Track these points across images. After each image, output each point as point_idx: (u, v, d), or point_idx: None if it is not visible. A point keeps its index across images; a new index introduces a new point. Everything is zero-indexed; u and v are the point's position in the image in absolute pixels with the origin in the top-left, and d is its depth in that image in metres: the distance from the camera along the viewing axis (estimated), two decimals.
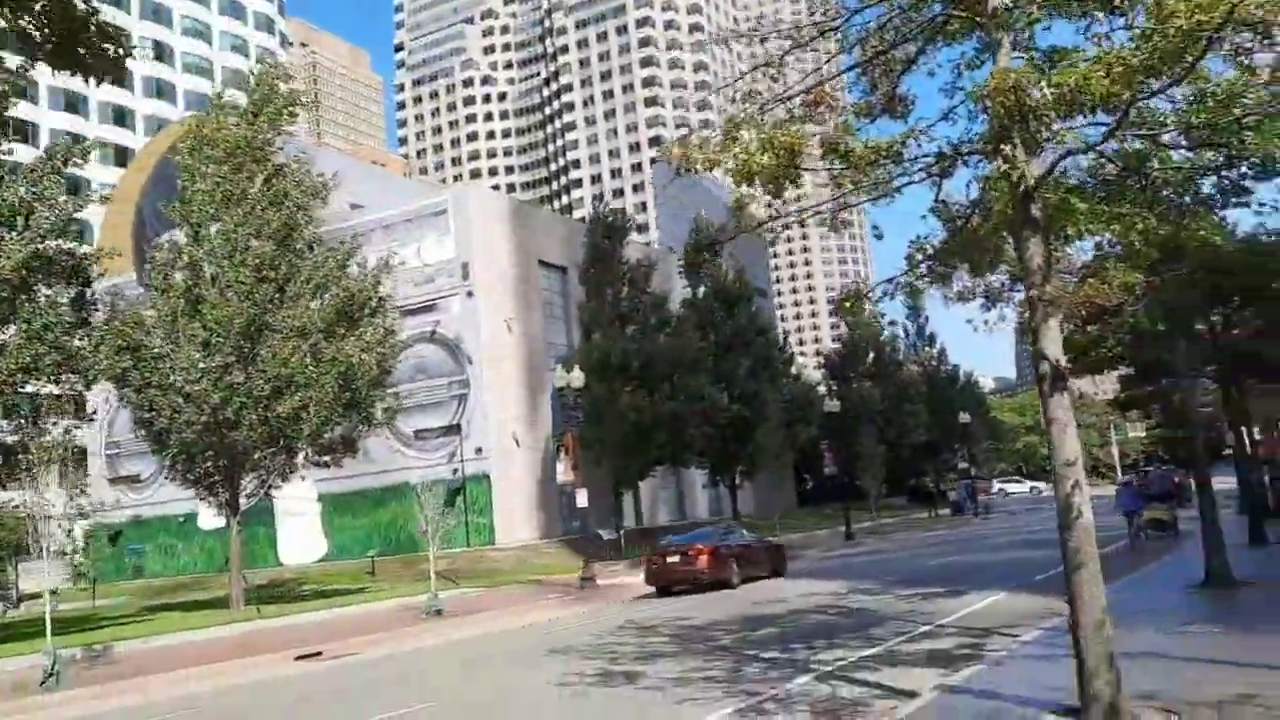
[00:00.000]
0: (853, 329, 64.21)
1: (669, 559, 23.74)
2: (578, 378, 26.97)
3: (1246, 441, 27.67)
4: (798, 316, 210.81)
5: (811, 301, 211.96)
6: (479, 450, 41.56)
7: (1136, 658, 9.10)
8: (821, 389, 59.88)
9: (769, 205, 9.99)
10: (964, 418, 55.65)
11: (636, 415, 38.11)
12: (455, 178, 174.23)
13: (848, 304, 9.91)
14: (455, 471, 42.28)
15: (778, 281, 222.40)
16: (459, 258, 42.73)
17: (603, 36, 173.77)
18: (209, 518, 44.39)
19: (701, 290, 48.43)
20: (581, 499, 26.42)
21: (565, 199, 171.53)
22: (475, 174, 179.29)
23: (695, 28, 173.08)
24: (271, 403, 23.87)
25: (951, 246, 9.61)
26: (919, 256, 9.43)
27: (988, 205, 9.18)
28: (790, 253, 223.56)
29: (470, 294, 42.44)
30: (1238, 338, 22.95)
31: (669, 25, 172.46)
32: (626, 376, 38.97)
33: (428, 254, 43.58)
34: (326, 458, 26.73)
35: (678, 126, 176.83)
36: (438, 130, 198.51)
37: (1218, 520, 14.79)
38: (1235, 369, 23.30)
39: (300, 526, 45.59)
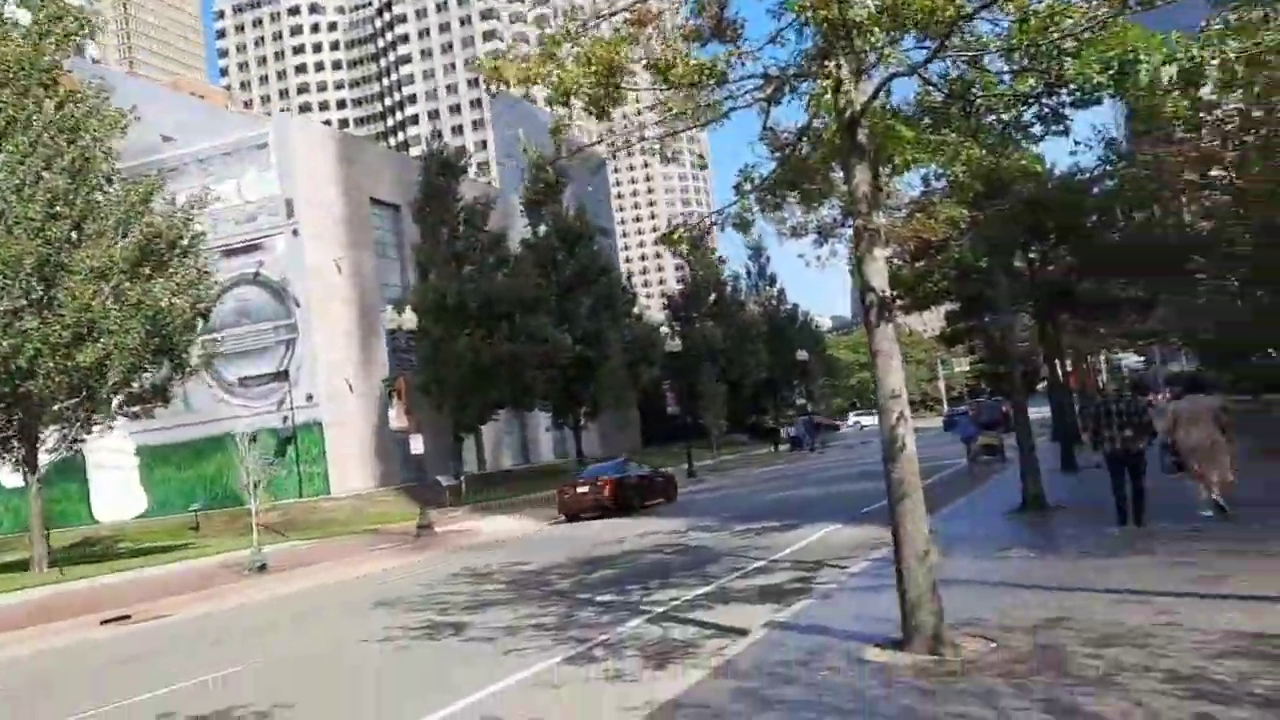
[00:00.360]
0: (694, 268, 64.67)
1: (579, 489, 26.76)
2: (409, 319, 25.92)
3: (1060, 374, 29.25)
4: (643, 257, 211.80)
5: (654, 229, 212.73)
6: (309, 397, 39.84)
7: (956, 585, 9.21)
8: (665, 329, 60.31)
9: (601, 134, 9.45)
10: (801, 355, 57.02)
11: (475, 357, 37.25)
12: (282, 110, 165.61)
13: (673, 237, 9.51)
14: (285, 420, 40.48)
15: (622, 222, 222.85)
16: (282, 194, 40.43)
17: None
18: (9, 475, 41.27)
19: (542, 229, 47.55)
20: (416, 445, 25.53)
21: (401, 135, 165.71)
22: (305, 108, 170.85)
23: None
24: (71, 350, 21.90)
25: (781, 176, 9.32)
26: (747, 186, 9.10)
27: (817, 133, 8.91)
28: (635, 191, 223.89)
29: (295, 233, 40.29)
30: (1053, 274, 24.01)
31: None
32: (464, 318, 37.99)
33: (249, 190, 41.07)
34: (137, 408, 24.83)
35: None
36: (262, 61, 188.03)
37: (1033, 449, 15.37)
38: (1051, 305, 24.41)
39: (116, 481, 42.86)
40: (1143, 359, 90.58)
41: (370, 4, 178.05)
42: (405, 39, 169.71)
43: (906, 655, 7.27)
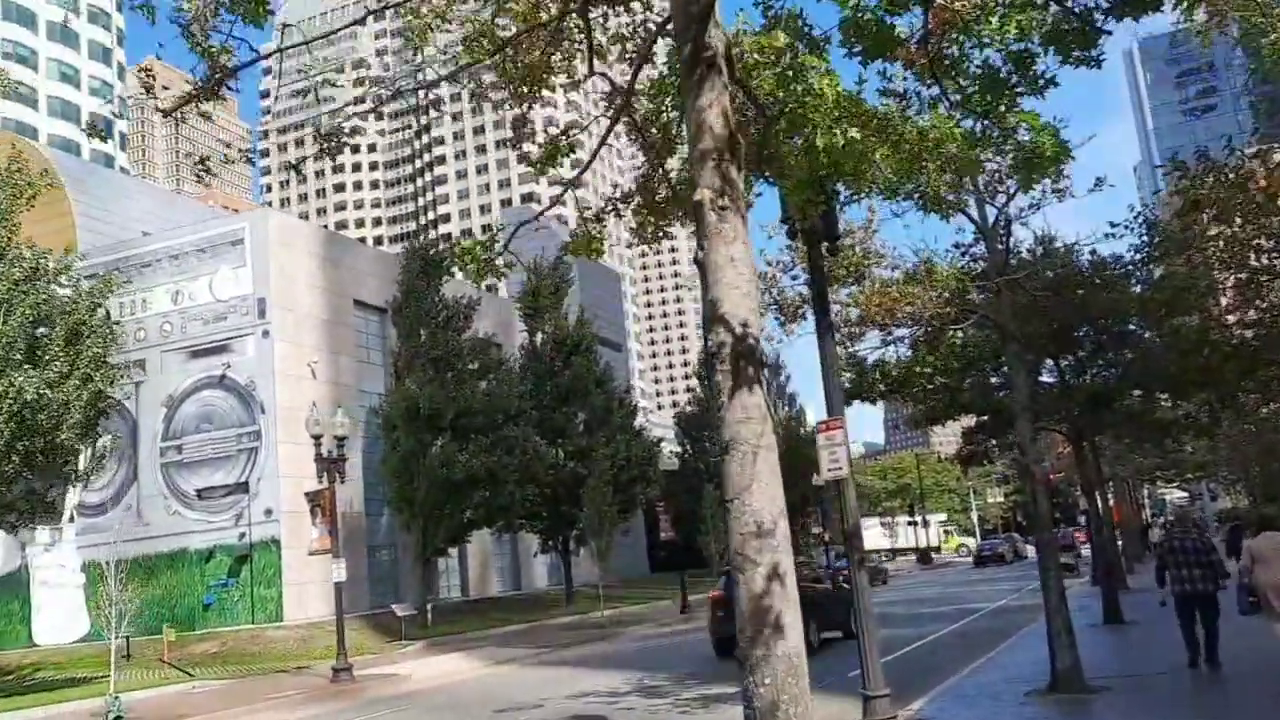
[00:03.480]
0: (705, 384, 61.26)
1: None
2: (340, 423, 22.59)
3: (1100, 505, 25.08)
4: (671, 379, 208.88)
5: (685, 361, 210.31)
6: (268, 512, 36.25)
7: None
8: (673, 447, 56.60)
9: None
10: (818, 480, 52.84)
11: (447, 471, 33.71)
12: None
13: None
14: (242, 536, 36.90)
15: (652, 343, 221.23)
16: (254, 293, 37.80)
17: (475, 96, 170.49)
18: None
19: (539, 337, 44.59)
20: (338, 572, 21.84)
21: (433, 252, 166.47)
22: (341, 225, 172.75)
23: (571, 86, 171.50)
24: None
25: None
26: None
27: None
28: (665, 314, 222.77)
29: (266, 334, 37.47)
30: (1089, 386, 20.30)
31: None
32: (437, 427, 34.63)
33: (221, 289, 38.49)
34: (13, 517, 21.40)
35: (551, 183, 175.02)
36: (303, 180, 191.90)
37: (1064, 604, 11.42)
38: (1087, 423, 20.59)
39: (59, 600, 39.18)
40: (1186, 494, 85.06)
41: (411, 125, 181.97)
42: (442, 160, 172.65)
43: None
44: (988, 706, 10.87)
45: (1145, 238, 15.49)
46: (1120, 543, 32.58)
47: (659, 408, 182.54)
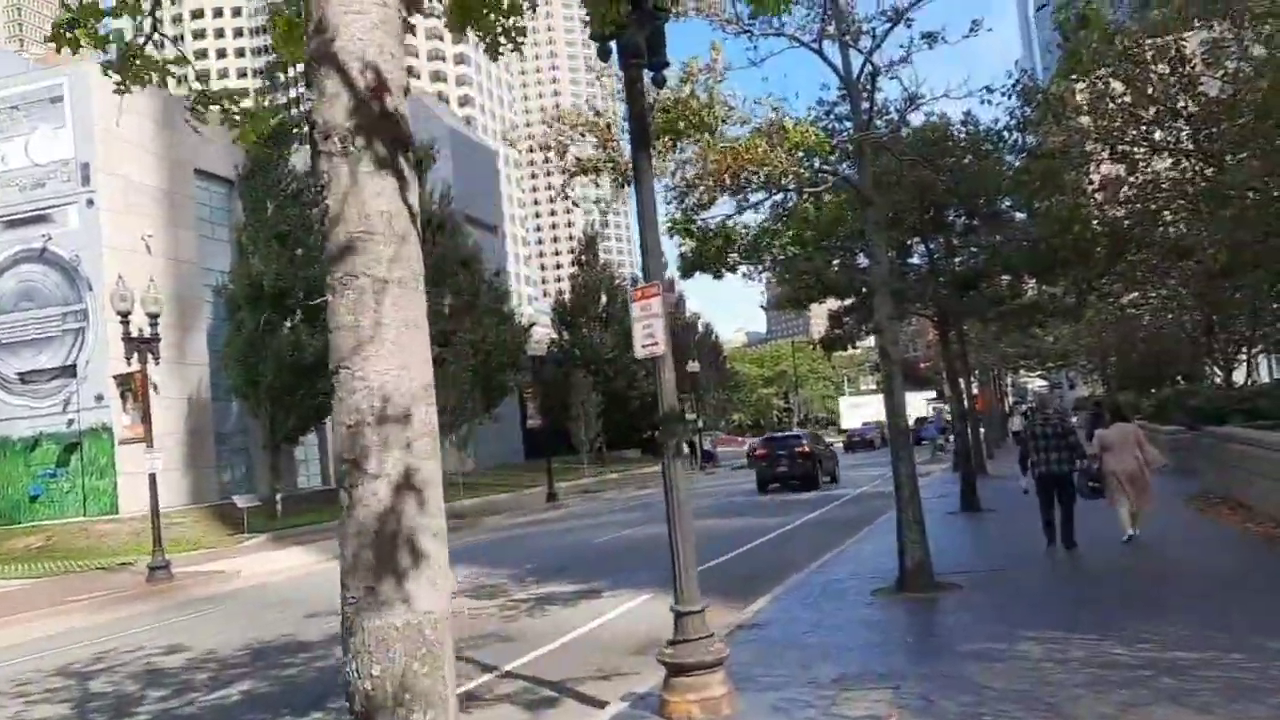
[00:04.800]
0: (584, 269, 59.69)
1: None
2: (154, 298, 20.22)
3: (964, 393, 24.69)
4: (559, 266, 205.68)
5: (571, 249, 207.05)
6: (99, 398, 33.46)
7: None
8: (548, 333, 55.17)
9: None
10: (693, 366, 52.23)
11: (295, 354, 31.52)
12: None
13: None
14: (70, 423, 34.15)
15: (538, 229, 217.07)
16: (77, 158, 34.17)
17: None
18: None
19: None
20: (152, 463, 19.82)
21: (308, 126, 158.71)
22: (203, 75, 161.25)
23: None
24: None
25: None
26: None
27: None
28: (553, 199, 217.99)
29: (90, 202, 34.04)
30: (959, 269, 19.47)
31: None
32: (286, 307, 32.25)
33: (39, 151, 34.67)
34: None
35: (433, 79, 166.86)
36: (160, 45, 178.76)
37: (916, 497, 10.48)
38: (953, 308, 19.84)
39: None
40: (1046, 383, 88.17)
41: None
42: None
43: None
44: (830, 608, 9.94)
45: (1020, 101, 14.33)
46: (982, 430, 32.76)
47: (545, 294, 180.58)
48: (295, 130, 36.10)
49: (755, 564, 14.58)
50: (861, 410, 65.47)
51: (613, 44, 6.83)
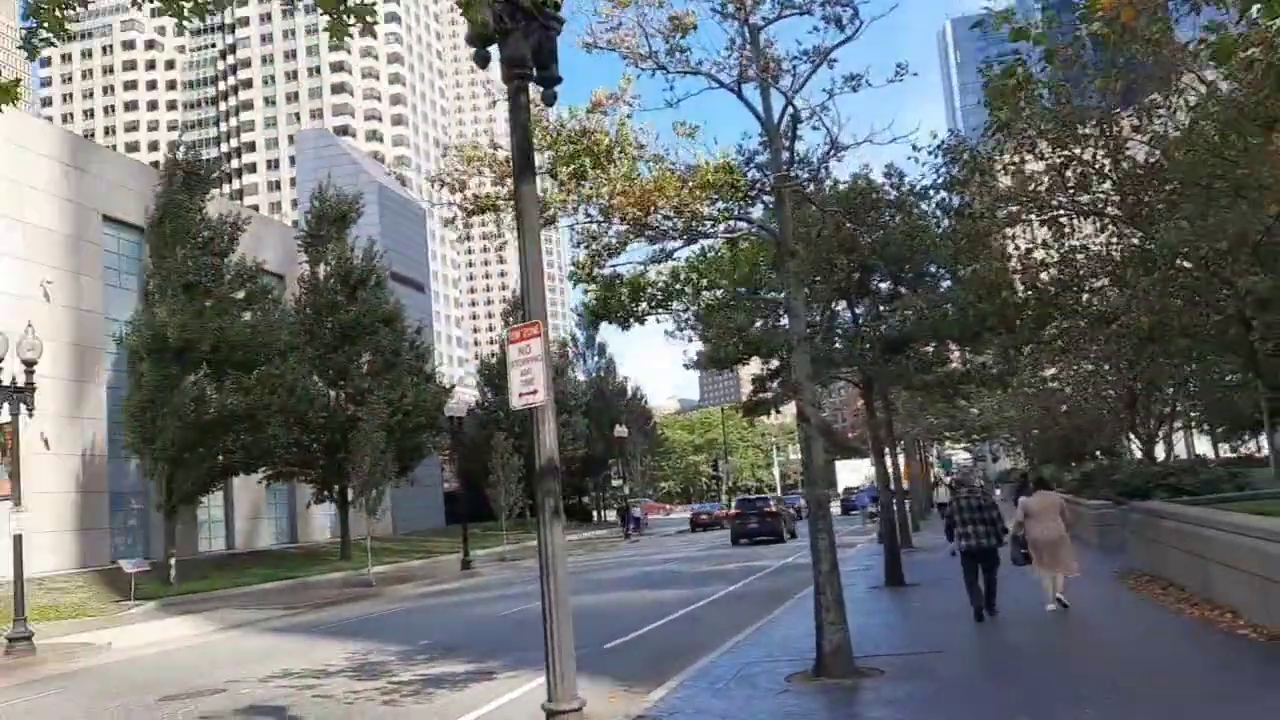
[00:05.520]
0: (508, 327, 58.62)
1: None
2: (31, 344, 18.73)
3: (890, 464, 24.10)
4: (491, 328, 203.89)
5: (505, 303, 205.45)
6: None
7: None
8: (469, 396, 53.82)
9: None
10: (620, 431, 51.30)
11: (197, 409, 29.84)
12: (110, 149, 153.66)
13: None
14: None
15: (472, 290, 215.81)
16: None
17: (289, 12, 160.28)
18: None
19: (322, 269, 40.67)
20: (16, 523, 18.18)
21: (237, 183, 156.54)
22: (132, 147, 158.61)
23: (391, 17, 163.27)
24: None
25: None
26: None
27: None
28: (487, 262, 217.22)
29: None
30: (883, 330, 18.95)
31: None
32: (190, 361, 30.61)
33: None
34: None
35: (367, 117, 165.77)
36: (89, 94, 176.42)
37: (835, 574, 9.62)
38: (879, 369, 19.26)
39: None
40: (970, 455, 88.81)
41: (214, 45, 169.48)
42: (249, 84, 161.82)
43: None
44: (741, 696, 8.97)
45: (946, 159, 13.93)
46: (908, 501, 32.29)
47: (475, 357, 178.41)
48: (212, 176, 34.93)
49: (666, 642, 13.57)
50: (859, 474, 65.54)
51: (494, 51, 6.03)
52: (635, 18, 8.90)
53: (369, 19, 4.53)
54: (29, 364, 18.79)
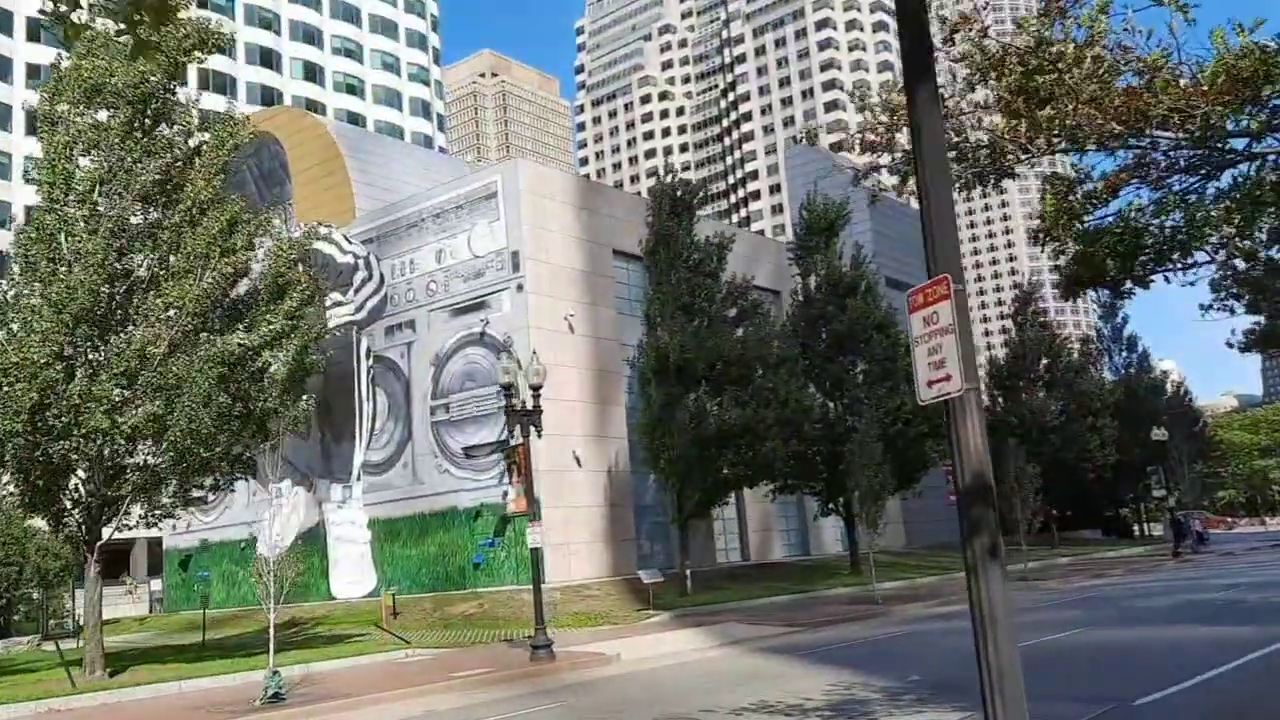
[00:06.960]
0: (1022, 329, 54.04)
1: None
2: (537, 370, 20.15)
3: None
4: (991, 318, 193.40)
5: (998, 301, 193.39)
6: None
7: None
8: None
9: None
10: (1158, 434, 44.50)
11: (697, 425, 30.79)
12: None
13: None
14: (505, 494, 36.16)
15: (979, 279, 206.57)
16: (508, 246, 36.75)
17: (781, 42, 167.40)
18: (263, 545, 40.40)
19: (812, 280, 40.46)
20: (534, 538, 19.50)
21: (744, 211, 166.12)
22: None
23: (879, 25, 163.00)
24: (124, 408, 18.23)
25: None
26: None
27: None
28: (993, 246, 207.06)
29: (520, 287, 36.33)
30: None
31: (851, 25, 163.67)
32: (691, 379, 31.75)
33: (479, 244, 37.84)
34: (205, 487, 20.75)
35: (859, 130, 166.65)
36: (616, 149, 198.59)
37: None
38: None
39: (350, 556, 40.70)
40: None
41: (717, 85, 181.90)
42: (749, 117, 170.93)
43: None
44: None
45: None
46: None
47: (988, 361, 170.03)
48: (696, 200, 36.19)
49: (1227, 700, 10.42)
50: None
51: None
52: None
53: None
54: (535, 389, 20.17)
